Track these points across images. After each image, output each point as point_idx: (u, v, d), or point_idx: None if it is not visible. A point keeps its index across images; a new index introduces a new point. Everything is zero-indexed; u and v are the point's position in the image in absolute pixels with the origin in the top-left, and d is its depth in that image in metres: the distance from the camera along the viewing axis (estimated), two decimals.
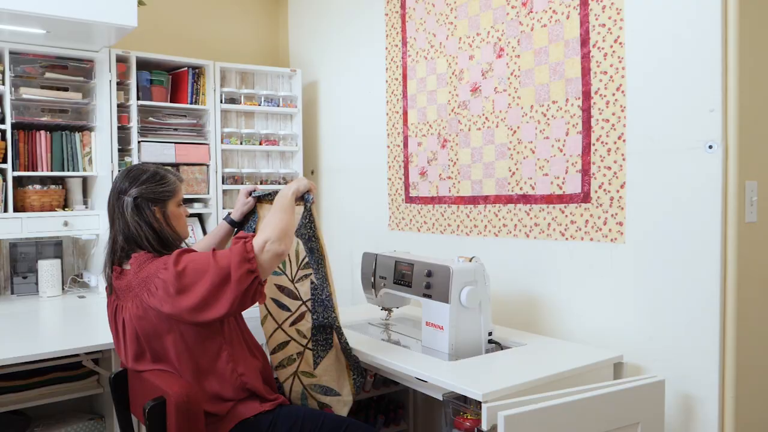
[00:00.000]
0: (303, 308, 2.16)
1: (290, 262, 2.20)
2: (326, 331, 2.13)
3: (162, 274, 1.74)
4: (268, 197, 2.23)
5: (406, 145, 3.11)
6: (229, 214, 2.32)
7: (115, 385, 1.93)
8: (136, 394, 1.87)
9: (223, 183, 3.52)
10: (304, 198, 2.10)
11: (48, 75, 3.18)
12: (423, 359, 2.06)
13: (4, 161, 3.03)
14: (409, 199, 3.10)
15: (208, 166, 3.48)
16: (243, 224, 2.28)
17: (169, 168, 2.07)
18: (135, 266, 1.83)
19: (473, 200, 2.74)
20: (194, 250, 1.85)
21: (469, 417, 1.83)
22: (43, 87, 3.19)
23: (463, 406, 1.86)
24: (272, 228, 1.81)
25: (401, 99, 3.13)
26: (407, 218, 3.12)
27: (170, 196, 1.95)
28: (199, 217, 3.58)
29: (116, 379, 1.92)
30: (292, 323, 2.18)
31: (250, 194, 2.25)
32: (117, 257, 1.90)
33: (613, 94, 2.18)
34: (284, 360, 2.21)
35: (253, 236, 1.80)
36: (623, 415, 1.77)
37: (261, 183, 3.71)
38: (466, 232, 2.77)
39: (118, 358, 2.52)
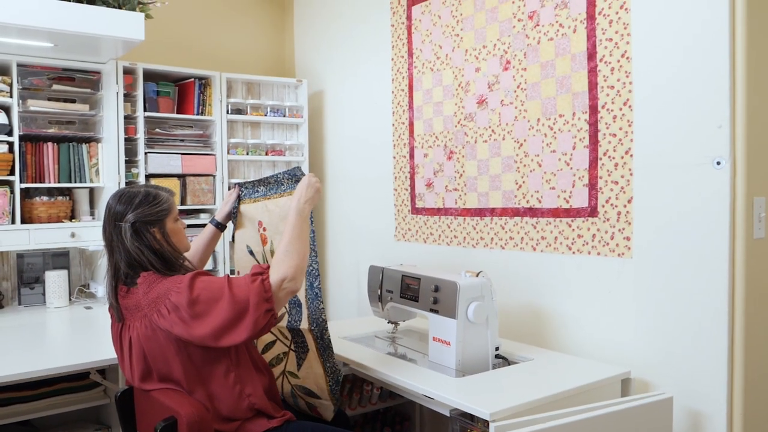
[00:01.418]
0: (283, 309, 2.12)
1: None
2: (300, 334, 2.09)
3: (174, 297, 1.73)
4: (251, 196, 2.26)
5: (412, 156, 3.11)
6: (215, 216, 2.38)
7: (121, 403, 1.92)
8: (143, 412, 1.87)
9: None
10: None
11: (55, 87, 3.19)
12: (430, 375, 2.05)
13: (12, 173, 3.05)
14: (416, 210, 3.10)
15: (214, 176, 3.48)
16: (226, 225, 2.37)
17: (157, 185, 2.04)
18: (144, 286, 1.81)
19: (480, 212, 2.73)
20: (208, 273, 1.84)
21: None
22: (50, 99, 3.20)
23: (470, 423, 1.86)
24: (290, 264, 1.79)
25: (407, 110, 3.13)
26: (413, 229, 3.12)
27: (166, 215, 1.91)
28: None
29: (122, 397, 1.92)
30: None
31: (235, 188, 2.32)
32: (122, 281, 1.87)
33: (620, 109, 2.18)
34: (273, 359, 2.23)
35: (268, 268, 1.78)
36: None
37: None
38: (473, 245, 2.77)
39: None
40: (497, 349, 2.19)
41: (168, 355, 1.79)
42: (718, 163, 1.91)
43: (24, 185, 3.08)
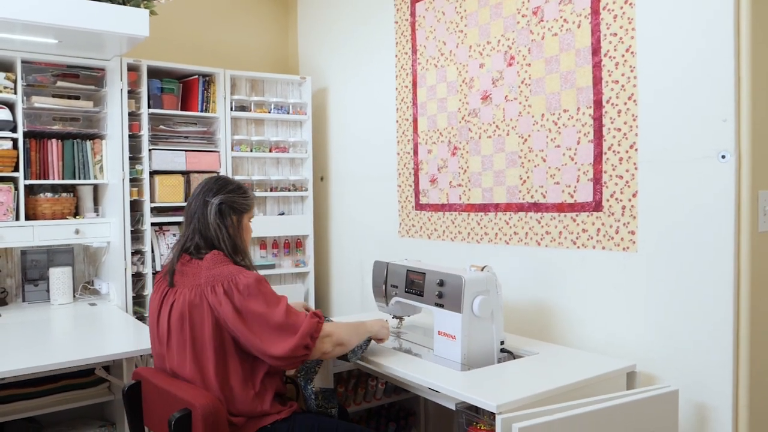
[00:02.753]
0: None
1: None
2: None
3: (239, 280, 1.86)
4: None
5: (416, 152, 3.12)
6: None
7: (129, 396, 1.93)
8: (152, 405, 1.87)
9: None
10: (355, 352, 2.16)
11: (59, 84, 3.20)
12: (436, 369, 2.06)
13: (16, 170, 3.05)
14: (420, 207, 3.11)
15: (218, 173, 3.48)
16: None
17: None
18: (210, 262, 1.93)
19: (484, 208, 2.74)
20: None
21: (482, 427, 1.83)
22: (54, 96, 3.21)
23: (476, 416, 1.87)
24: (340, 335, 2.00)
25: (411, 106, 3.14)
26: (417, 225, 3.12)
27: (248, 209, 2.10)
28: None
29: (130, 391, 1.93)
30: None
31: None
32: (189, 250, 2.00)
33: (625, 103, 2.18)
34: None
35: (323, 318, 1.97)
36: (637, 425, 1.77)
37: (271, 190, 3.71)
38: (477, 240, 2.77)
39: (130, 367, 2.53)
40: (502, 343, 2.19)
41: (205, 330, 1.86)
42: (723, 157, 1.92)
43: (28, 182, 3.09)
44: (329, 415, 2.11)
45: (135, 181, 3.26)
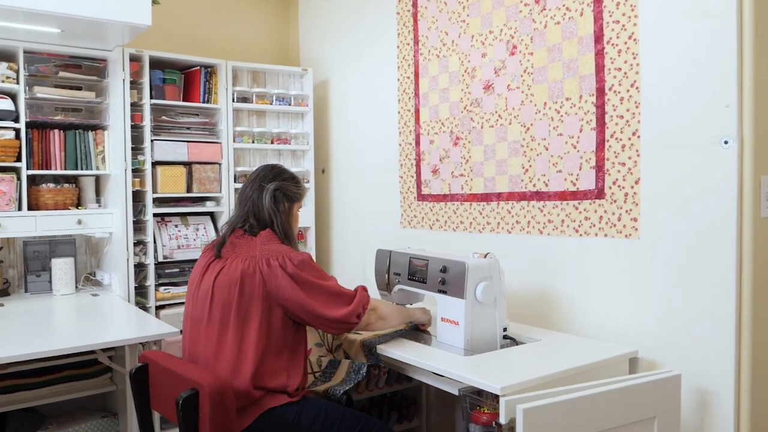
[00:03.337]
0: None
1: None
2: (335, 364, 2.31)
3: (292, 256, 2.00)
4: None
5: (418, 143, 3.12)
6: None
7: (136, 379, 1.94)
8: (159, 388, 1.88)
9: (235, 181, 3.53)
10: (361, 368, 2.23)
11: (62, 74, 3.20)
12: (439, 354, 2.06)
13: (18, 160, 3.05)
14: (421, 197, 3.11)
15: (220, 164, 3.49)
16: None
17: None
18: (264, 239, 2.06)
19: (486, 197, 2.74)
20: None
21: (485, 411, 1.84)
22: (56, 86, 3.21)
23: (480, 400, 1.87)
24: (383, 310, 2.21)
25: (413, 97, 3.14)
26: (419, 216, 3.13)
27: (299, 198, 2.23)
28: (212, 215, 3.59)
29: (137, 374, 1.93)
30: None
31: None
32: (244, 227, 2.12)
33: (628, 91, 2.19)
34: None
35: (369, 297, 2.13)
36: (640, 409, 1.78)
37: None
38: (479, 230, 2.78)
39: (133, 354, 2.54)
40: (505, 329, 2.20)
41: (253, 297, 1.96)
42: (726, 143, 1.92)
43: (30, 172, 3.09)
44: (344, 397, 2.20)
45: (137, 172, 3.26)
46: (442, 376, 1.98)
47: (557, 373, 1.84)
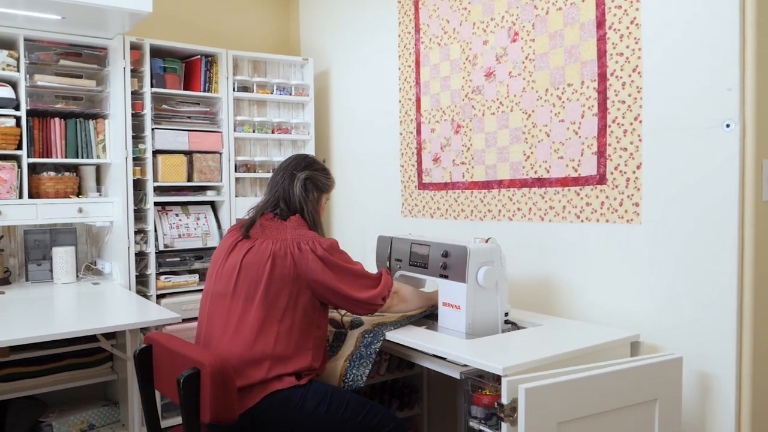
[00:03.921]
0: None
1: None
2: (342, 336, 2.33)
3: (320, 241, 2.06)
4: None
5: (419, 131, 3.12)
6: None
7: (140, 360, 1.94)
8: (163, 369, 1.88)
9: (236, 171, 3.53)
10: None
11: (62, 62, 3.19)
12: (441, 338, 2.07)
13: (19, 148, 3.05)
14: (422, 186, 3.11)
15: (220, 154, 3.49)
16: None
17: None
18: (294, 223, 2.12)
19: (487, 185, 2.74)
20: None
21: (487, 393, 1.84)
22: (57, 74, 3.20)
23: (482, 382, 1.87)
24: (405, 293, 2.29)
25: (414, 86, 3.14)
26: (420, 205, 3.13)
27: (328, 189, 2.29)
28: (212, 205, 3.59)
29: (141, 354, 1.94)
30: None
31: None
32: (274, 211, 2.17)
33: (630, 75, 2.19)
34: None
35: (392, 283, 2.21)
36: (642, 390, 1.78)
37: (273, 171, 3.71)
38: (480, 217, 2.78)
39: (134, 340, 2.54)
40: (506, 314, 2.20)
41: (284, 278, 2.01)
42: (728, 126, 1.92)
43: (31, 160, 3.09)
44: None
45: (138, 161, 3.25)
46: (444, 359, 1.99)
47: (559, 354, 1.84)
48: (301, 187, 2.18)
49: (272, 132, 3.69)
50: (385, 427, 2.04)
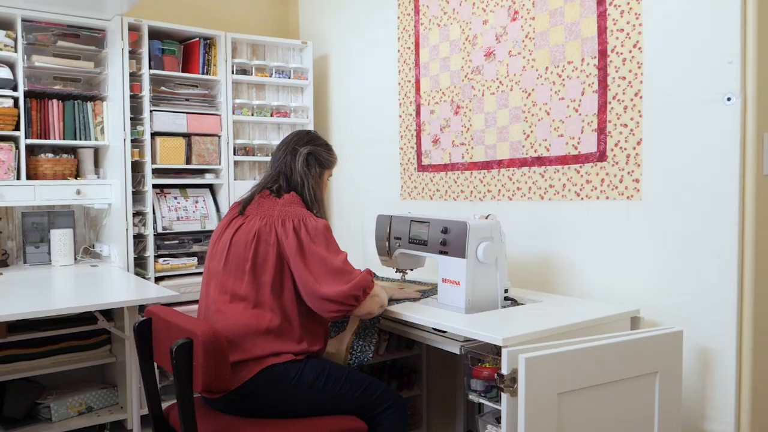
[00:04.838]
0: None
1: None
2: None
3: (307, 222, 1.99)
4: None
5: (418, 113, 3.11)
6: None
7: (139, 333, 1.93)
8: (160, 341, 1.88)
9: (234, 154, 3.52)
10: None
11: (60, 43, 3.18)
12: (440, 312, 2.06)
13: (17, 129, 3.04)
14: (422, 168, 3.10)
15: (219, 137, 3.47)
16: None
17: None
18: (287, 200, 2.07)
19: (487, 165, 2.74)
20: None
21: (487, 365, 1.84)
22: (55, 55, 3.19)
23: (482, 354, 1.87)
24: (383, 298, 2.11)
25: (414, 68, 3.13)
26: (419, 187, 3.12)
27: (330, 166, 2.25)
28: (211, 188, 3.58)
29: (140, 327, 1.93)
30: None
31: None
32: (272, 188, 2.14)
33: (630, 51, 2.18)
34: None
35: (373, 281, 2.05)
36: (642, 363, 1.78)
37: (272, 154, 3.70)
38: (480, 198, 2.77)
39: (132, 317, 2.53)
40: (506, 291, 2.19)
41: (268, 256, 1.97)
42: (729, 99, 1.92)
43: (29, 141, 3.07)
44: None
45: (136, 143, 3.24)
46: (444, 333, 1.98)
47: (559, 327, 1.84)
48: (303, 163, 2.15)
49: (271, 115, 3.68)
50: (384, 403, 2.03)
